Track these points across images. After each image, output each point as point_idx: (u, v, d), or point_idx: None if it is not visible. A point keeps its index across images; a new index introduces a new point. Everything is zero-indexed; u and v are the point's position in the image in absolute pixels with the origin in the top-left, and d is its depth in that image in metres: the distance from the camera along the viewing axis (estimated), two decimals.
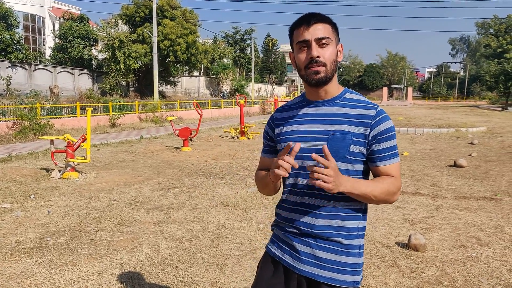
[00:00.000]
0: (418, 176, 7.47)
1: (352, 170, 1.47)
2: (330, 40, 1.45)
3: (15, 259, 3.74)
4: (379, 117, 1.45)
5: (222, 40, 53.02)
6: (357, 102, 1.50)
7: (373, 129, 1.44)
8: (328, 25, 1.46)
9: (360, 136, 1.44)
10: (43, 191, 6.40)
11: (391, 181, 1.46)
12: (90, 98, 22.72)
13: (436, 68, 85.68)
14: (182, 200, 5.84)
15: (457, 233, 4.41)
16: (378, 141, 1.45)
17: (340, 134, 1.44)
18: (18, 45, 27.02)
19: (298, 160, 1.50)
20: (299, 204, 1.52)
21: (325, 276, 1.46)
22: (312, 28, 1.43)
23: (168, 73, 36.56)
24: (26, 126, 13.81)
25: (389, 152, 1.46)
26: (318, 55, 1.42)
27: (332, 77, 1.48)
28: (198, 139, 13.58)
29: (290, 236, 1.55)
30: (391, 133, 1.46)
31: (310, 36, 1.42)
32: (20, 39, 27.82)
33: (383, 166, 1.47)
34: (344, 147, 1.44)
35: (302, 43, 1.44)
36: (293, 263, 1.53)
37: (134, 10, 32.68)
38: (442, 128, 15.93)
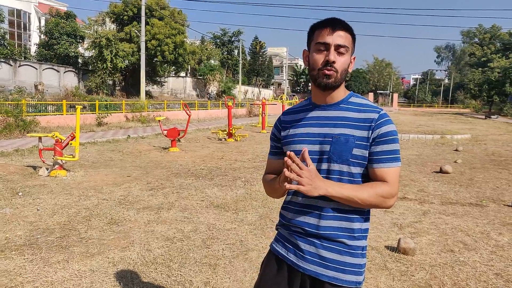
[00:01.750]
0: (405, 181, 7.61)
1: (355, 173, 1.50)
2: (347, 49, 1.49)
3: (5, 256, 3.70)
4: (381, 120, 1.48)
5: (210, 41, 52.90)
6: (361, 106, 1.54)
7: (374, 131, 1.47)
8: (349, 35, 1.51)
9: (363, 139, 1.48)
10: (31, 188, 6.31)
11: (383, 186, 1.46)
12: (76, 96, 22.42)
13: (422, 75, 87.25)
14: (171, 201, 5.83)
15: (445, 238, 4.51)
16: (377, 143, 1.47)
17: (343, 138, 1.48)
18: (2, 40, 26.54)
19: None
20: (304, 205, 1.56)
21: (328, 276, 1.50)
22: (336, 34, 1.47)
23: (155, 73, 36.33)
24: (11, 123, 13.56)
25: (387, 155, 1.47)
26: (334, 60, 1.46)
27: (340, 84, 1.52)
28: (185, 140, 13.54)
29: (295, 236, 1.59)
30: (391, 137, 1.48)
31: (331, 40, 1.46)
32: (5, 34, 27.32)
33: (378, 169, 1.48)
34: (347, 150, 1.47)
35: (322, 45, 1.48)
36: (297, 261, 1.56)
37: (122, 9, 32.40)
38: (428, 135, 16.22)
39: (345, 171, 1.48)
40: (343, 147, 1.47)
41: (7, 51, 25.87)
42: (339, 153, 1.48)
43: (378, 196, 1.45)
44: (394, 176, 1.49)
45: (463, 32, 73.54)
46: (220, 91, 43.09)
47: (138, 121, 20.24)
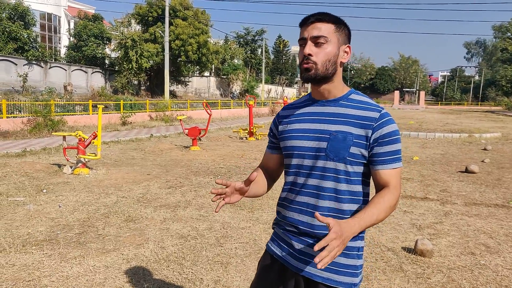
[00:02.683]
0: (428, 181, 7.41)
1: (352, 172, 1.46)
2: (327, 39, 1.44)
3: (26, 251, 3.81)
4: (382, 120, 1.44)
5: (233, 41, 53.18)
6: (361, 103, 1.49)
7: (375, 131, 1.43)
8: (331, 24, 1.45)
9: (361, 138, 1.43)
10: (55, 186, 6.50)
11: (388, 196, 1.41)
12: (102, 96, 22.97)
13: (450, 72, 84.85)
14: (189, 199, 5.88)
15: (466, 240, 4.37)
16: (380, 144, 1.43)
17: (341, 135, 1.44)
18: (34, 43, 27.50)
19: (299, 159, 1.53)
20: (298, 203, 1.53)
21: (322, 276, 1.47)
22: (310, 27, 1.45)
23: (179, 73, 36.81)
24: (41, 122, 14.02)
25: (391, 156, 1.44)
26: (309, 53, 1.44)
27: (326, 76, 1.47)
28: (207, 139, 13.64)
29: (289, 235, 1.56)
30: (394, 137, 1.44)
31: (307, 34, 1.45)
32: (36, 37, 28.31)
33: (383, 171, 1.44)
34: (344, 148, 1.43)
35: (301, 41, 1.48)
36: (291, 261, 1.54)
37: (147, 10, 33.00)
38: (454, 133, 15.76)
39: (341, 169, 1.44)
40: (341, 144, 1.43)
41: (38, 53, 26.79)
42: (336, 150, 1.44)
43: (390, 208, 1.42)
44: (397, 177, 1.46)
45: (495, 27, 71.01)
46: (243, 90, 43.25)
47: (162, 120, 20.54)
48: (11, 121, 14.07)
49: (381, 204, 1.40)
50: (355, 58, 78.40)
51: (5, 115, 14.30)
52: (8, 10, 25.86)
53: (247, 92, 42.05)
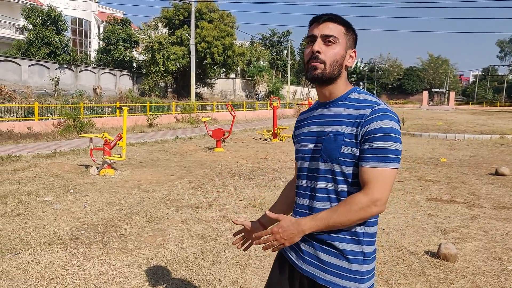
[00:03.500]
0: (455, 183, 7.20)
1: (348, 173, 1.41)
2: (337, 40, 1.43)
3: (51, 249, 3.93)
4: (373, 115, 1.37)
5: (259, 43, 53.30)
6: (358, 101, 1.44)
7: (363, 128, 1.37)
8: (340, 26, 1.45)
9: (351, 136, 1.39)
10: (81, 186, 6.69)
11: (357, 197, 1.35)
12: (129, 99, 23.49)
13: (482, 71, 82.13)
14: (211, 200, 5.92)
15: (493, 245, 4.21)
16: (366, 141, 1.36)
17: (333, 135, 1.42)
18: (66, 47, 28.43)
19: (302, 161, 1.56)
20: (301, 205, 1.53)
21: (325, 279, 1.44)
22: (323, 25, 1.44)
23: (205, 75, 37.19)
24: (70, 124, 14.47)
25: (376, 154, 1.34)
26: (319, 50, 1.42)
27: (332, 77, 1.45)
28: (231, 140, 13.72)
29: None
30: (384, 134, 1.34)
31: (317, 32, 1.44)
32: (68, 42, 29.25)
33: (364, 168, 1.35)
34: (336, 149, 1.41)
35: (310, 38, 1.46)
36: (297, 261, 1.53)
37: (173, 13, 33.52)
38: (485, 135, 15.25)
39: (337, 170, 1.42)
40: (333, 145, 1.41)
41: (69, 57, 27.69)
42: (329, 151, 1.42)
43: (357, 211, 1.34)
44: (381, 177, 1.34)
45: None
46: (269, 92, 43.25)
47: (187, 122, 20.80)
48: (42, 123, 14.58)
49: (343, 206, 1.36)
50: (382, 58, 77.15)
51: (37, 118, 14.84)
52: (42, 16, 26.83)
53: (272, 93, 42.03)
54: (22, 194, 6.00)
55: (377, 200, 1.34)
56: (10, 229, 4.50)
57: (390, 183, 1.36)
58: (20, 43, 27.07)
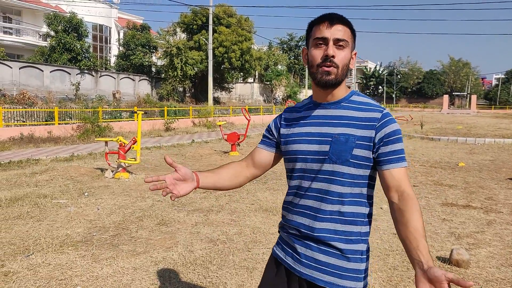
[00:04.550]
0: (472, 188, 7.03)
1: (357, 175, 1.43)
2: (347, 43, 1.44)
3: (62, 251, 4.01)
4: (384, 119, 1.42)
5: (277, 47, 53.34)
6: (363, 104, 1.48)
7: (379, 131, 1.41)
8: (348, 29, 1.45)
9: (365, 139, 1.41)
10: (96, 189, 6.80)
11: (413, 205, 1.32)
12: (147, 103, 23.81)
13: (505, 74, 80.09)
14: (222, 203, 5.94)
15: (509, 251, 4.09)
16: (385, 144, 1.41)
17: (343, 137, 1.42)
18: (87, 53, 29.06)
19: (303, 163, 1.52)
20: (302, 206, 1.52)
21: (324, 280, 1.44)
22: (334, 28, 1.42)
23: (223, 80, 37.41)
24: (89, 128, 14.75)
25: (396, 155, 1.41)
26: (333, 54, 1.41)
27: (342, 81, 1.46)
28: (246, 144, 13.74)
29: (292, 238, 1.56)
30: (397, 136, 1.42)
31: (329, 35, 1.41)
32: (88, 47, 29.89)
33: (390, 170, 1.40)
34: (347, 150, 1.41)
35: (320, 40, 1.43)
36: (294, 265, 1.53)
37: (191, 18, 33.87)
38: (507, 139, 14.84)
39: (346, 172, 1.42)
40: (343, 147, 1.41)
41: (90, 63, 28.29)
42: (339, 153, 1.42)
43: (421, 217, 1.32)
44: (405, 176, 1.41)
45: None
46: (286, 96, 43.22)
47: (204, 126, 20.95)
48: (62, 127, 14.91)
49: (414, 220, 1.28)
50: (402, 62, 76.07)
51: (57, 122, 15.19)
52: (64, 23, 27.51)
53: (290, 97, 41.99)
54: (38, 196, 6.13)
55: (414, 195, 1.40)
56: (24, 231, 4.60)
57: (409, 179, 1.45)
58: (42, 49, 27.80)
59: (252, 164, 1.71)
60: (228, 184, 1.65)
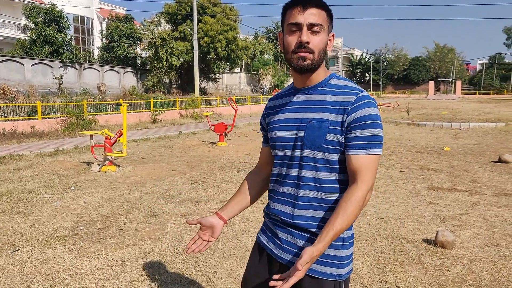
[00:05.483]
0: (457, 172, 7.14)
1: (332, 160, 1.40)
2: (322, 27, 1.39)
3: (49, 246, 3.96)
4: (358, 103, 1.36)
5: (263, 36, 53.03)
6: (340, 88, 1.43)
7: (349, 115, 1.36)
8: (323, 11, 1.40)
9: (337, 123, 1.37)
10: (82, 183, 6.72)
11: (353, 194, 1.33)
12: (133, 95, 23.51)
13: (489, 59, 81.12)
14: (211, 194, 5.93)
15: (492, 231, 4.18)
16: (353, 128, 1.35)
17: (317, 122, 1.39)
18: (69, 46, 28.49)
19: (281, 149, 1.51)
20: (282, 194, 1.51)
21: None
22: (307, 12, 1.36)
23: (209, 70, 37.12)
24: (73, 122, 14.55)
25: (363, 141, 1.35)
26: (307, 40, 1.36)
27: (318, 66, 1.43)
28: (234, 134, 13.71)
29: (274, 225, 1.56)
30: (369, 121, 1.35)
31: (303, 20, 1.36)
32: (70, 40, 29.31)
33: (354, 156, 1.35)
34: (320, 136, 1.38)
35: (294, 26, 1.38)
36: (275, 251, 1.53)
37: (175, 8, 33.42)
38: (490, 123, 15.09)
39: (320, 158, 1.40)
40: (317, 132, 1.39)
41: (73, 55, 27.76)
42: (312, 139, 1.40)
43: (361, 206, 1.34)
44: (369, 164, 1.35)
45: None
46: (274, 85, 43.12)
47: (191, 117, 20.82)
48: (46, 121, 14.67)
49: (343, 209, 1.32)
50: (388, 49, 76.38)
51: (40, 116, 14.92)
52: (43, 15, 26.89)
53: (277, 87, 41.89)
54: (23, 192, 6.05)
55: (371, 186, 1.37)
56: (9, 227, 4.54)
57: (377, 168, 1.40)
58: (22, 42, 27.18)
59: (264, 164, 1.72)
60: (251, 198, 1.71)
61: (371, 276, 3.20)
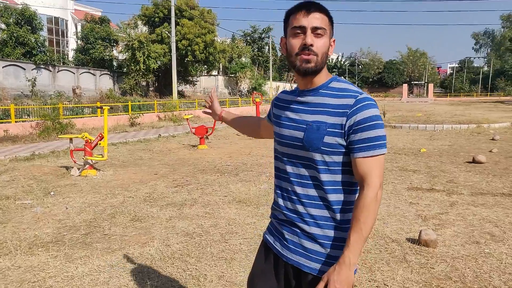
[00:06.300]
0: (435, 172, 7.36)
1: (331, 162, 1.44)
2: (325, 31, 1.44)
3: (32, 253, 3.87)
4: (357, 105, 1.40)
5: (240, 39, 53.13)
6: (340, 91, 1.46)
7: (349, 118, 1.39)
8: (325, 16, 1.45)
9: (336, 126, 1.41)
10: (62, 188, 6.58)
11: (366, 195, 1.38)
12: (110, 98, 23.15)
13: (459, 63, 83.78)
14: (195, 197, 5.91)
15: (471, 229, 4.33)
16: (355, 132, 1.39)
17: (315, 125, 1.44)
18: (42, 47, 27.73)
19: (282, 147, 1.57)
20: (284, 190, 1.56)
21: (310, 267, 1.48)
22: (311, 16, 1.41)
23: (187, 73, 36.89)
24: (49, 126, 14.18)
25: (367, 143, 1.38)
26: (312, 43, 1.41)
27: (321, 69, 1.47)
28: (214, 137, 13.68)
29: (280, 223, 1.59)
30: (370, 123, 1.38)
31: (307, 23, 1.41)
32: (44, 41, 28.53)
33: (359, 159, 1.40)
34: (318, 138, 1.42)
35: (298, 29, 1.43)
36: (281, 250, 1.56)
37: (153, 11, 33.10)
38: (463, 124, 15.59)
39: (319, 159, 1.44)
40: (315, 134, 1.43)
41: (46, 57, 27.05)
42: (311, 140, 1.44)
43: (375, 208, 1.39)
44: (375, 165, 1.40)
45: (503, 16, 69.99)
46: (251, 88, 43.23)
47: (170, 120, 20.63)
48: (20, 125, 14.25)
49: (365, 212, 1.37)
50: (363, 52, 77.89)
51: (13, 120, 14.50)
52: (15, 15, 26.14)
53: (255, 89, 42.03)
54: (0, 198, 5.87)
55: (380, 185, 1.41)
56: None
57: (383, 166, 1.44)
58: None
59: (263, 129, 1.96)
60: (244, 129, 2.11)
61: (360, 275, 3.27)
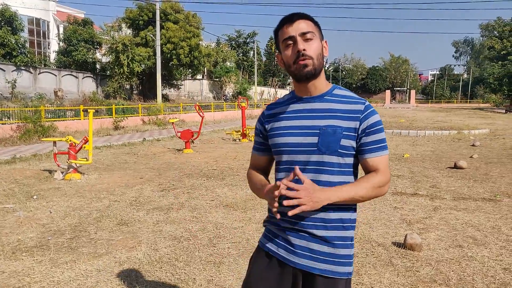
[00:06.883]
0: (418, 177, 7.50)
1: (343, 164, 1.52)
2: (314, 34, 1.49)
3: (16, 258, 3.80)
4: (367, 111, 1.52)
5: (225, 44, 53.23)
6: (346, 97, 1.55)
7: (362, 122, 1.50)
8: (310, 21, 1.51)
9: (350, 130, 1.49)
10: (46, 192, 6.47)
11: (376, 176, 1.50)
12: (93, 101, 22.84)
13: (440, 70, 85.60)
14: (182, 201, 5.89)
15: (454, 233, 4.43)
16: (367, 134, 1.50)
17: (331, 129, 1.49)
18: (23, 48, 27.28)
19: (290, 155, 1.57)
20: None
21: (320, 268, 1.51)
22: (296, 24, 1.48)
23: (171, 76, 36.72)
24: (30, 128, 13.93)
25: (377, 144, 1.51)
26: (304, 48, 1.46)
27: (320, 70, 1.52)
28: (200, 141, 13.65)
29: (285, 230, 1.58)
30: (379, 127, 1.52)
31: (294, 32, 1.47)
32: (25, 42, 28.07)
33: (371, 158, 1.51)
34: (335, 141, 1.48)
35: (288, 40, 1.48)
36: (288, 256, 1.56)
37: (137, 14, 32.89)
38: (444, 130, 15.93)
39: (335, 162, 1.50)
40: (331, 138, 1.49)
41: (27, 59, 26.59)
42: (327, 144, 1.49)
43: (375, 188, 1.49)
44: (385, 163, 1.54)
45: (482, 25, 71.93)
46: (236, 93, 43.26)
47: (155, 124, 20.49)
48: None
49: (364, 182, 1.49)
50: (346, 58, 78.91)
51: None
52: None
53: (240, 94, 42.06)
54: None
55: (388, 181, 1.54)
56: None
57: (388, 166, 1.58)
58: None
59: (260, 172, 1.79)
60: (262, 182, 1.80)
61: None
